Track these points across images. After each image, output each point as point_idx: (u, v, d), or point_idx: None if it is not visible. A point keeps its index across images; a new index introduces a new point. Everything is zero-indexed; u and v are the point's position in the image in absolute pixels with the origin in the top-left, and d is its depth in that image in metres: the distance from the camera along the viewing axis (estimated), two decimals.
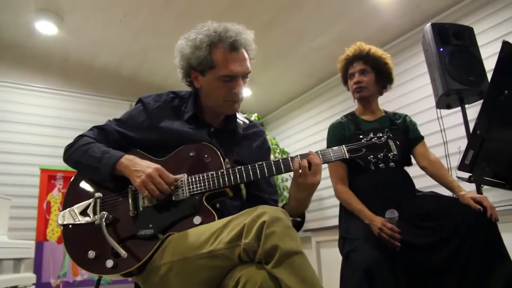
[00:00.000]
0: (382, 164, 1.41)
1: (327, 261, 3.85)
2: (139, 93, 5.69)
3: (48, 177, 4.42)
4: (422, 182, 2.41)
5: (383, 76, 2.24)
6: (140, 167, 1.37)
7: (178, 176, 1.41)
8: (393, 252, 1.75)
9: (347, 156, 1.40)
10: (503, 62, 1.41)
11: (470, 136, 1.41)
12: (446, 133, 2.73)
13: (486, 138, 1.38)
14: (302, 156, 1.37)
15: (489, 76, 1.86)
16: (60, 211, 1.48)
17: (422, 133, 2.27)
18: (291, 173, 1.39)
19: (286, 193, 5.31)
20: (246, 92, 5.48)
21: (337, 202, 2.20)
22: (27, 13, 3.89)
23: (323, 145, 2.23)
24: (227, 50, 1.45)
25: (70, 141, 1.59)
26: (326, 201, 4.82)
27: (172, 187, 1.37)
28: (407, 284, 1.72)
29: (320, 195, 4.88)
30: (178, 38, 1.58)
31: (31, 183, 4.50)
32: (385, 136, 1.42)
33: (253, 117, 5.39)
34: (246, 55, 1.50)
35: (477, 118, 1.43)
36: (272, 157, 5.40)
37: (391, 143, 1.41)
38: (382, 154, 1.40)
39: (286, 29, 4.24)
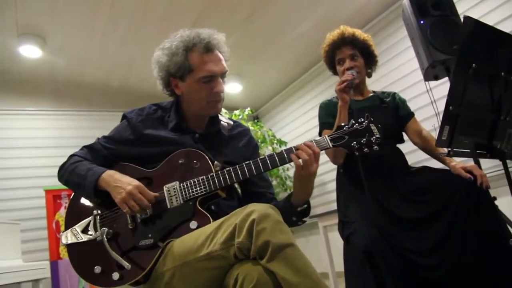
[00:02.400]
0: (366, 149, 1.41)
1: (336, 244, 3.89)
2: (132, 102, 5.73)
3: (53, 197, 4.47)
4: (414, 157, 2.43)
5: (370, 59, 2.23)
6: (120, 183, 1.41)
7: (171, 184, 1.45)
8: (392, 230, 1.79)
9: (331, 145, 1.41)
10: (468, 37, 1.44)
11: (444, 112, 1.43)
12: (437, 105, 2.74)
13: (460, 112, 1.40)
14: (289, 151, 1.40)
15: None
16: (63, 232, 1.53)
17: (414, 107, 2.27)
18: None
19: (289, 182, 5.36)
20: (236, 87, 5.55)
21: None
22: (9, 39, 3.92)
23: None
24: (202, 52, 1.50)
25: None
26: (329, 185, 4.87)
27: (151, 203, 1.41)
28: (408, 260, 1.75)
29: (323, 180, 4.92)
30: (160, 44, 1.61)
31: (38, 205, 4.55)
32: (366, 121, 1.44)
33: (247, 111, 5.41)
34: (220, 56, 1.55)
35: (448, 94, 1.45)
36: (270, 148, 5.47)
37: (372, 127, 1.43)
38: (364, 139, 1.41)
39: (266, 21, 4.26)
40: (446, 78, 2.68)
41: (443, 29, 2.56)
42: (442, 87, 3.05)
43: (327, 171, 4.80)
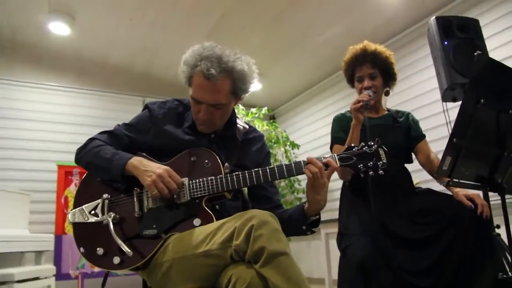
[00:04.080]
0: (371, 172, 1.45)
1: (336, 251, 3.92)
2: (152, 89, 5.80)
3: (65, 173, 4.55)
4: (421, 176, 2.43)
5: (389, 78, 2.24)
6: (150, 167, 1.46)
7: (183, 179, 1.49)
8: (389, 248, 1.82)
9: (338, 164, 1.45)
10: (479, 73, 1.45)
11: (447, 143, 1.45)
12: (452, 126, 2.73)
13: (464, 145, 1.42)
14: (298, 164, 1.46)
15: None
16: (71, 210, 1.59)
17: (428, 126, 2.28)
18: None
19: (297, 185, 5.39)
20: (256, 85, 5.56)
21: None
22: (40, 14, 4.01)
23: None
24: (201, 75, 1.48)
25: (86, 137, 1.68)
26: (335, 193, 4.86)
27: (179, 188, 1.46)
28: (401, 279, 1.77)
29: (329, 187, 4.90)
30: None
31: (49, 178, 4.65)
32: (376, 145, 1.47)
33: (264, 110, 5.44)
34: (220, 86, 1.50)
35: (454, 126, 1.47)
36: (282, 149, 5.49)
37: (381, 152, 1.46)
38: (371, 163, 1.45)
39: (294, 23, 4.28)
40: None
41: (466, 52, 2.53)
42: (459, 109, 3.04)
43: (334, 179, 4.78)
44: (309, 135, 5.74)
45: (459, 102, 2.76)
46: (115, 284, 1.98)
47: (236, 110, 1.68)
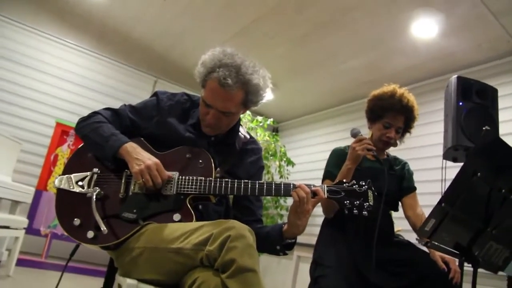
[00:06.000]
0: (356, 211, 1.47)
1: (303, 275, 3.94)
2: (167, 72, 5.77)
3: (62, 131, 4.55)
4: (402, 224, 2.45)
5: (403, 134, 2.26)
6: (141, 156, 1.48)
7: (171, 173, 1.51)
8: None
9: (326, 196, 1.47)
10: (483, 147, 1.48)
11: (435, 206, 1.47)
12: (446, 184, 2.75)
13: (450, 211, 1.44)
14: (287, 185, 1.48)
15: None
16: (59, 175, 1.60)
17: (423, 178, 2.29)
18: None
19: (282, 202, 5.39)
20: (267, 95, 5.58)
21: None
22: None
23: None
24: (216, 81, 1.50)
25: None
26: (317, 219, 4.88)
27: (163, 183, 1.48)
28: None
29: (314, 212, 4.93)
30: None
31: (45, 133, 4.68)
32: (366, 186, 1.49)
33: (269, 121, 5.45)
34: (233, 96, 1.52)
35: (445, 192, 1.49)
36: (277, 163, 5.49)
37: (370, 193, 1.48)
38: (358, 202, 1.47)
39: (320, 45, 4.30)
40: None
41: (478, 118, 2.55)
42: (457, 169, 3.06)
43: (319, 204, 4.82)
44: (306, 156, 5.75)
45: (459, 163, 2.80)
46: (84, 252, 1.98)
47: (242, 114, 1.69)
